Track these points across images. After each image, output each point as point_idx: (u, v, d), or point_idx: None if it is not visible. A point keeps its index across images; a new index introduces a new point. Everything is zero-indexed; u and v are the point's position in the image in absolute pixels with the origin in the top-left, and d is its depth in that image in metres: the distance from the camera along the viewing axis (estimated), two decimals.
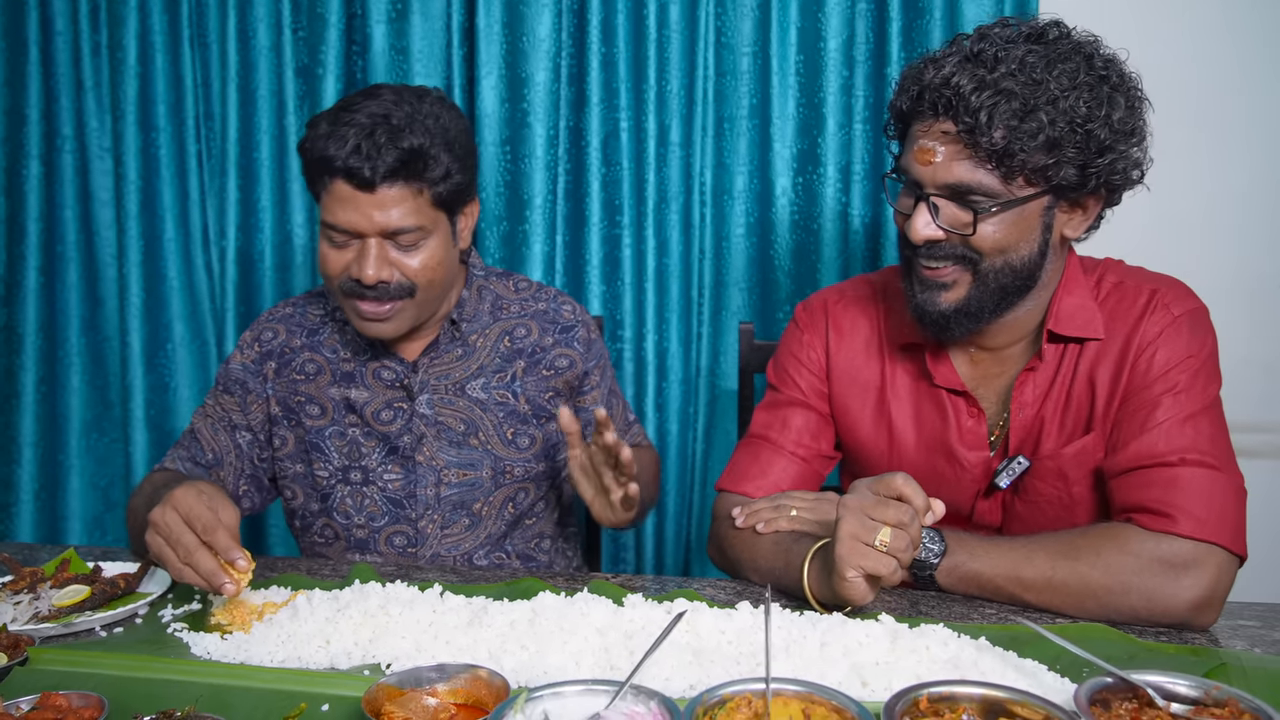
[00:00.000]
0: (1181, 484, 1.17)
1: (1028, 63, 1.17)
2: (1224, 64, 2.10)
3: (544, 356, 1.55)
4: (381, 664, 1.00)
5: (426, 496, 1.49)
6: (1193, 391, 1.22)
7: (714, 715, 0.79)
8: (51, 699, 0.87)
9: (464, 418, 1.51)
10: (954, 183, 1.20)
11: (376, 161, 1.32)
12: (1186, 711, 0.80)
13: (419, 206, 1.37)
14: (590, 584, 1.18)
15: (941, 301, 1.26)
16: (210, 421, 1.54)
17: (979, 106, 1.15)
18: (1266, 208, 2.13)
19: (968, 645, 0.99)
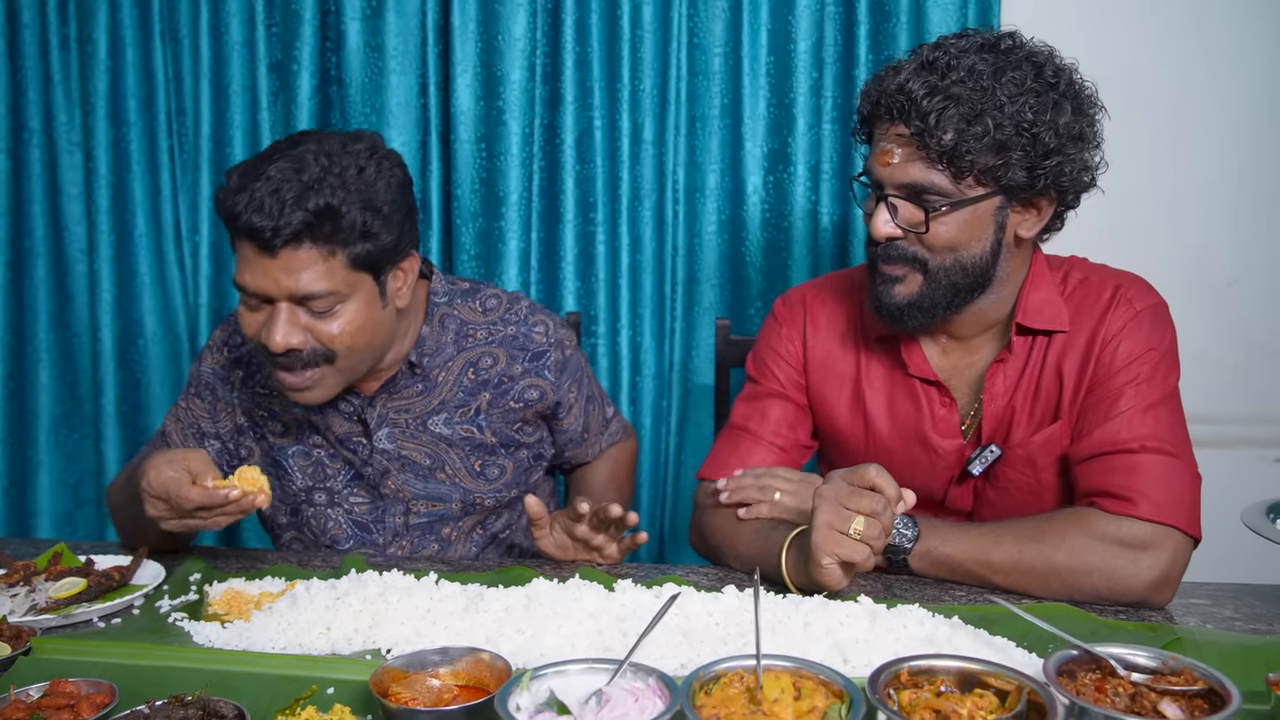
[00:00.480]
0: (1142, 470, 1.23)
1: (977, 70, 1.24)
2: (1184, 68, 2.18)
3: (511, 387, 1.48)
4: (382, 649, 1.04)
5: (395, 524, 1.48)
6: (1153, 382, 1.29)
7: (709, 689, 0.83)
8: (61, 686, 0.89)
9: (428, 452, 1.47)
10: (909, 182, 1.27)
11: (279, 222, 1.21)
12: (1146, 680, 0.86)
13: (331, 269, 1.25)
14: (580, 571, 1.22)
15: (895, 295, 1.33)
16: (181, 426, 1.54)
17: (929, 110, 1.23)
18: (1223, 209, 2.22)
19: (942, 624, 1.04)
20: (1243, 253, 2.24)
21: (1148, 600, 1.20)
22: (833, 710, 0.80)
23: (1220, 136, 2.20)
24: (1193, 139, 2.21)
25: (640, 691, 0.81)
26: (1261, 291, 2.25)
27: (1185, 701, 0.83)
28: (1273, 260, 2.23)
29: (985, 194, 1.27)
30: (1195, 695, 0.83)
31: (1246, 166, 2.20)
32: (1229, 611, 1.18)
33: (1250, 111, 2.19)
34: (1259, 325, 2.26)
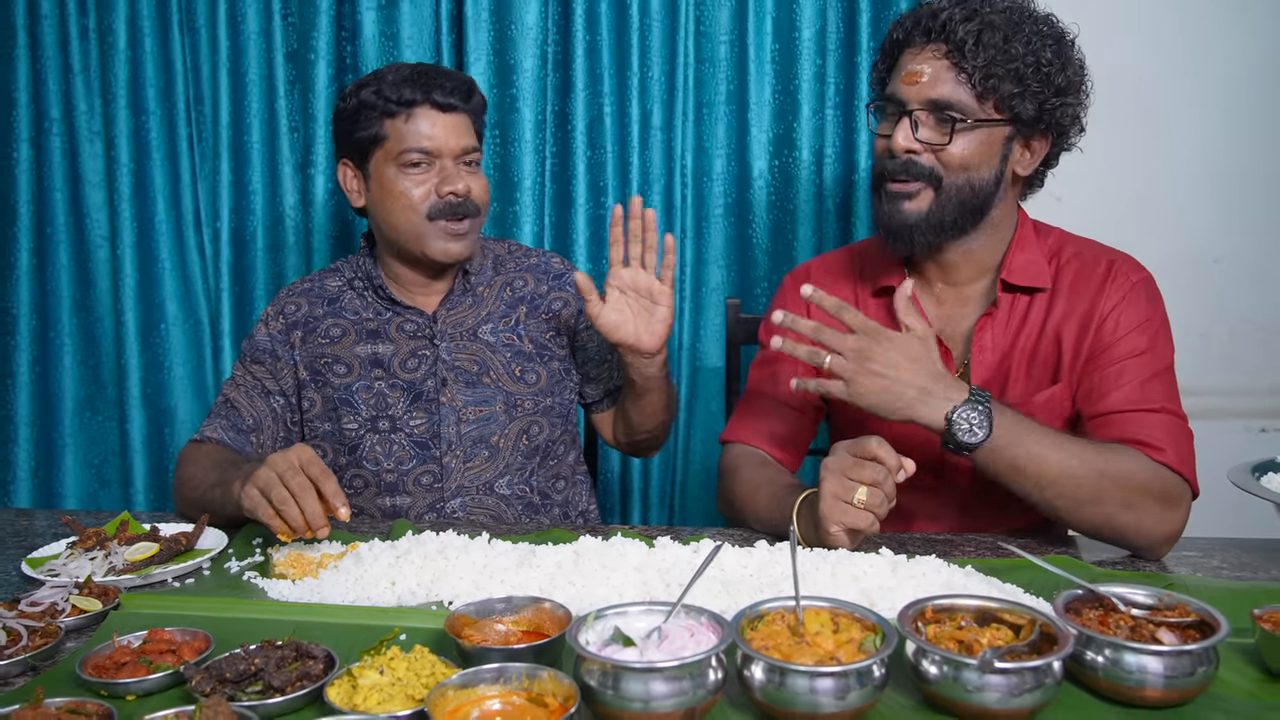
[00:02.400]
0: (1164, 426, 1.34)
1: (1009, 7, 1.39)
2: (1171, 51, 2.26)
3: (542, 302, 1.74)
4: (444, 601, 1.12)
5: (449, 435, 1.64)
6: (1154, 352, 1.40)
7: (755, 626, 0.92)
8: (160, 634, 0.97)
9: (477, 360, 1.68)
10: (937, 97, 1.38)
11: (454, 89, 1.59)
12: (1145, 614, 0.95)
13: (473, 131, 1.64)
14: (620, 531, 1.32)
15: (906, 210, 1.42)
16: (244, 390, 1.66)
17: (969, 32, 1.36)
18: (1209, 189, 2.30)
19: (957, 573, 1.14)
20: (1228, 231, 2.33)
21: (1155, 549, 1.29)
22: (868, 640, 0.89)
23: (1207, 118, 2.27)
24: (1179, 120, 2.29)
25: (694, 628, 0.90)
26: (1245, 269, 2.34)
27: (1180, 631, 0.92)
28: (1256, 238, 2.32)
29: (1000, 120, 1.39)
30: (1188, 626, 0.93)
31: (1231, 147, 2.29)
32: (1217, 561, 1.28)
33: (1235, 92, 2.27)
34: (1243, 301, 2.35)
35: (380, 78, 1.59)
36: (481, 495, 1.65)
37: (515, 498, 1.68)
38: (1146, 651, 0.87)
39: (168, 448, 2.42)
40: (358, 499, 1.66)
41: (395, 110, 1.57)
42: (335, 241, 2.35)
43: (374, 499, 1.65)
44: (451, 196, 1.59)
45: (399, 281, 1.71)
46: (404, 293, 1.71)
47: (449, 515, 1.64)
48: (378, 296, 1.70)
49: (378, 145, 1.59)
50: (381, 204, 1.61)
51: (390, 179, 1.59)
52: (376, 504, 1.65)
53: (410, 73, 1.59)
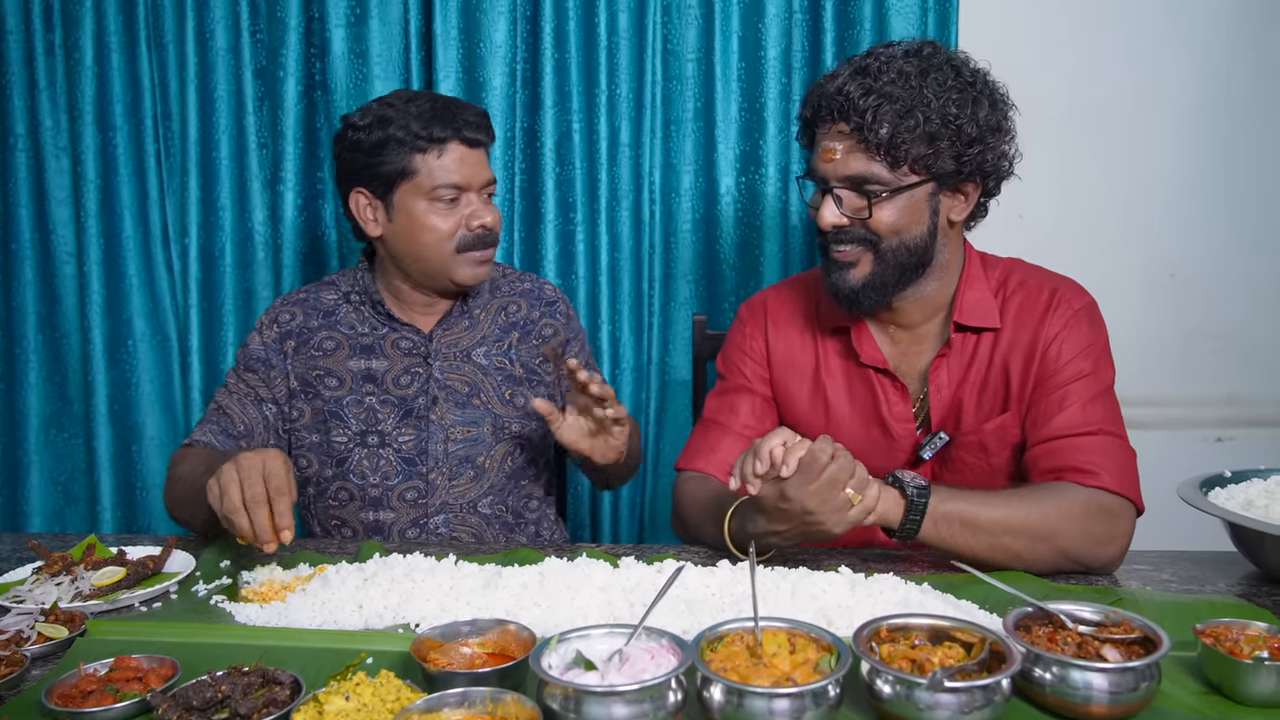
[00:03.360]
0: (1100, 449, 1.38)
1: (905, 71, 1.40)
2: (1129, 78, 2.32)
3: (533, 328, 1.78)
4: (410, 623, 1.13)
5: (436, 452, 1.67)
6: (1097, 375, 1.44)
7: (715, 647, 0.95)
8: (126, 661, 0.98)
9: (469, 381, 1.71)
10: (851, 174, 1.41)
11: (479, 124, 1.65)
12: (1091, 631, 0.98)
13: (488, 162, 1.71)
14: (585, 551, 1.33)
15: (851, 278, 1.46)
16: (236, 397, 1.67)
17: (866, 108, 1.38)
18: (1165, 207, 2.36)
19: (913, 590, 1.17)
20: (1183, 247, 2.39)
21: (1108, 566, 1.33)
22: (824, 661, 0.92)
23: (1163, 140, 2.34)
24: (1137, 143, 2.35)
25: (655, 650, 0.92)
26: (1201, 283, 2.40)
27: (1124, 647, 0.96)
28: (1211, 254, 2.38)
29: (919, 181, 1.42)
30: (1132, 642, 0.96)
31: (1186, 167, 2.35)
32: (1166, 575, 1.32)
33: (1190, 116, 2.34)
34: (1198, 313, 2.41)
35: (402, 111, 1.61)
36: (465, 514, 1.68)
37: (494, 517, 1.71)
38: (1092, 669, 0.91)
39: (135, 465, 2.41)
40: (342, 511, 1.68)
41: (426, 146, 1.60)
42: (304, 258, 2.35)
43: (358, 512, 1.67)
44: (481, 229, 1.64)
45: (399, 299, 1.73)
46: (403, 310, 1.73)
47: (432, 531, 1.66)
48: (375, 312, 1.72)
49: (405, 179, 1.62)
50: (409, 236, 1.64)
51: (420, 213, 1.62)
52: (360, 518, 1.67)
53: (434, 108, 1.62)
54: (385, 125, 1.60)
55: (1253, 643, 0.97)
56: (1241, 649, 0.96)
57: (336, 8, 2.25)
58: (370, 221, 1.67)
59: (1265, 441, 2.45)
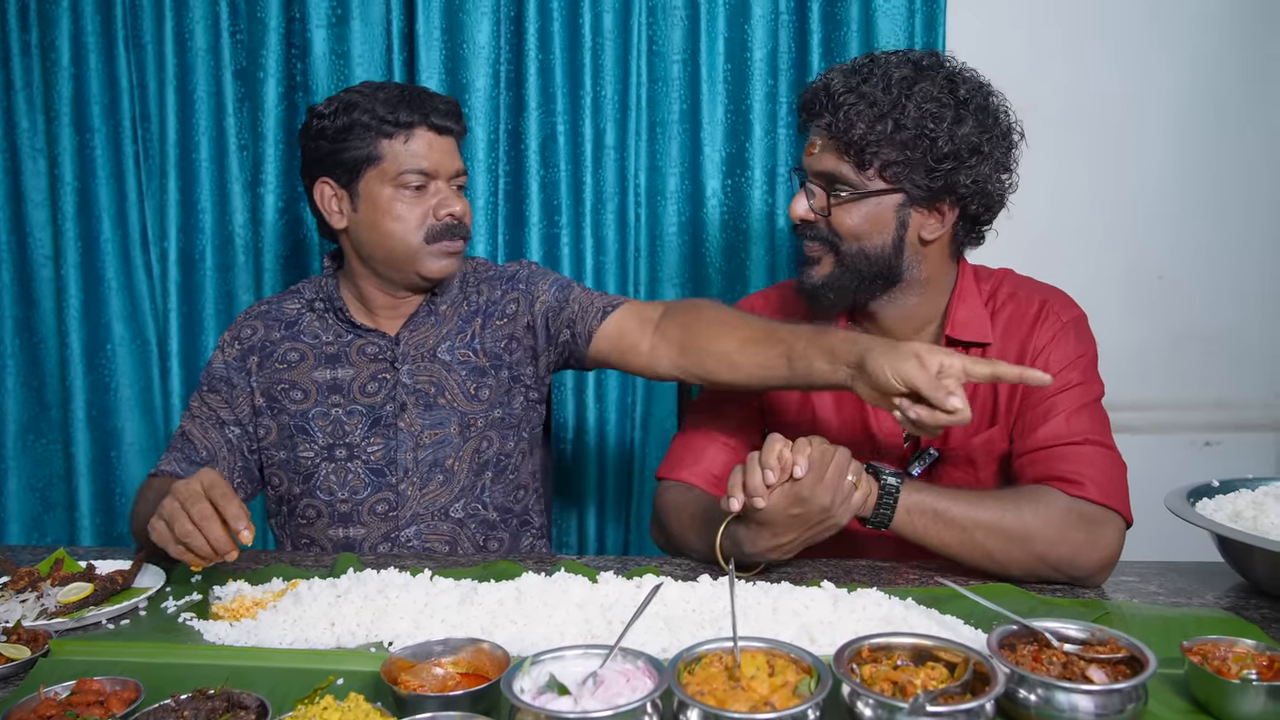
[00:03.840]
0: (1086, 458, 1.35)
1: (893, 77, 1.39)
2: (1116, 83, 2.31)
3: (495, 308, 1.70)
4: (384, 642, 1.11)
5: (405, 461, 1.61)
6: (1085, 386, 1.42)
7: (692, 669, 0.92)
8: (88, 684, 0.95)
9: (435, 381, 1.65)
10: (822, 170, 1.42)
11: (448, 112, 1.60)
12: (1076, 650, 0.97)
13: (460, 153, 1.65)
14: (564, 564, 1.31)
15: (813, 275, 1.47)
16: (199, 422, 1.63)
17: (841, 105, 1.38)
18: (1154, 210, 2.36)
19: (897, 605, 1.15)
20: (1172, 250, 2.39)
21: (1092, 578, 1.31)
22: (803, 684, 0.89)
23: (1151, 144, 2.34)
24: (1125, 146, 2.34)
25: (631, 673, 0.90)
26: (1189, 286, 2.40)
27: (1110, 667, 0.94)
28: (1199, 257, 2.38)
29: (886, 189, 1.41)
30: (1119, 662, 0.94)
31: (1174, 171, 2.35)
32: (1154, 587, 1.30)
33: (1178, 120, 2.33)
34: (1186, 316, 2.41)
35: (369, 97, 1.57)
36: (436, 521, 1.62)
37: (469, 518, 1.64)
38: (1077, 691, 0.89)
39: (114, 470, 2.38)
40: (310, 529, 1.63)
41: (393, 131, 1.55)
42: (285, 261, 2.32)
43: (326, 530, 1.61)
44: (449, 219, 1.59)
45: (364, 303, 1.68)
46: (367, 315, 1.68)
47: (404, 545, 1.61)
48: (338, 319, 1.67)
49: (371, 165, 1.57)
50: (374, 224, 1.58)
51: (386, 200, 1.57)
52: (329, 535, 1.61)
53: (401, 93, 1.58)
54: (350, 110, 1.56)
55: (1241, 661, 0.95)
56: (1229, 668, 0.95)
57: (318, 8, 2.23)
58: (335, 213, 1.61)
59: (1253, 446, 2.44)
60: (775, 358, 1.41)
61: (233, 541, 1.19)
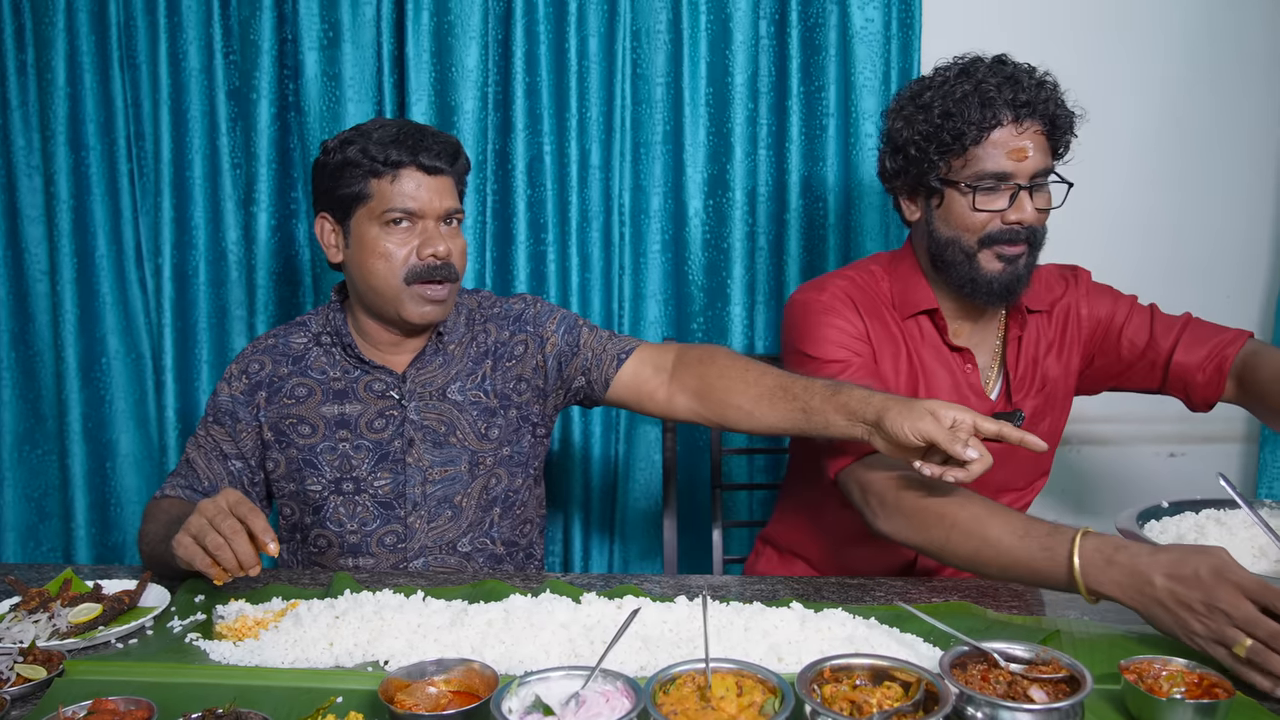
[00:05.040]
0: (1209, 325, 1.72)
1: (1034, 71, 1.59)
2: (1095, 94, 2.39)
3: (505, 349, 1.73)
4: (380, 661, 1.18)
5: (414, 495, 1.65)
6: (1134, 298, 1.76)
7: (667, 690, 1.00)
8: (104, 704, 1.02)
9: (445, 419, 1.68)
10: (1040, 169, 1.56)
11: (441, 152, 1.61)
12: (1021, 669, 1.05)
13: (456, 192, 1.67)
14: (550, 584, 1.38)
15: (1020, 267, 1.58)
16: (203, 452, 1.68)
17: (1045, 104, 1.56)
18: (1127, 224, 2.44)
19: (860, 624, 1.22)
20: (1141, 266, 2.45)
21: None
22: (768, 704, 0.97)
23: (1128, 154, 2.41)
24: (1094, 166, 2.41)
25: (610, 694, 0.97)
26: (1157, 301, 2.47)
27: (1051, 686, 1.02)
28: (1167, 274, 2.45)
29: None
30: (1059, 681, 1.02)
31: (1145, 190, 2.42)
32: (1104, 605, 1.37)
33: (1145, 140, 2.41)
34: None
35: (366, 135, 1.60)
36: (444, 555, 1.67)
37: (477, 552, 1.69)
38: (1020, 709, 0.97)
39: (109, 481, 2.43)
40: (321, 558, 1.68)
41: (381, 170, 1.58)
42: (278, 277, 2.38)
43: (337, 559, 1.66)
44: (432, 259, 1.59)
45: (370, 339, 1.70)
46: (374, 351, 1.70)
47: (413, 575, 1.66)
48: (346, 355, 1.69)
49: (361, 203, 1.60)
50: (361, 262, 1.62)
51: (372, 238, 1.60)
52: (340, 564, 1.66)
53: (397, 132, 1.60)
54: (345, 148, 1.60)
55: (1172, 679, 1.04)
56: (1161, 686, 1.03)
57: (310, 31, 2.28)
58: (332, 248, 1.66)
59: (1216, 458, 2.53)
60: (792, 413, 1.49)
61: (257, 555, 1.26)
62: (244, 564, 1.25)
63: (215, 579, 1.26)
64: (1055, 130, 1.57)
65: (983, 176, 1.54)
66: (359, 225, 1.62)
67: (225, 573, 1.25)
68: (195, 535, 1.26)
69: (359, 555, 1.66)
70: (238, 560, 1.25)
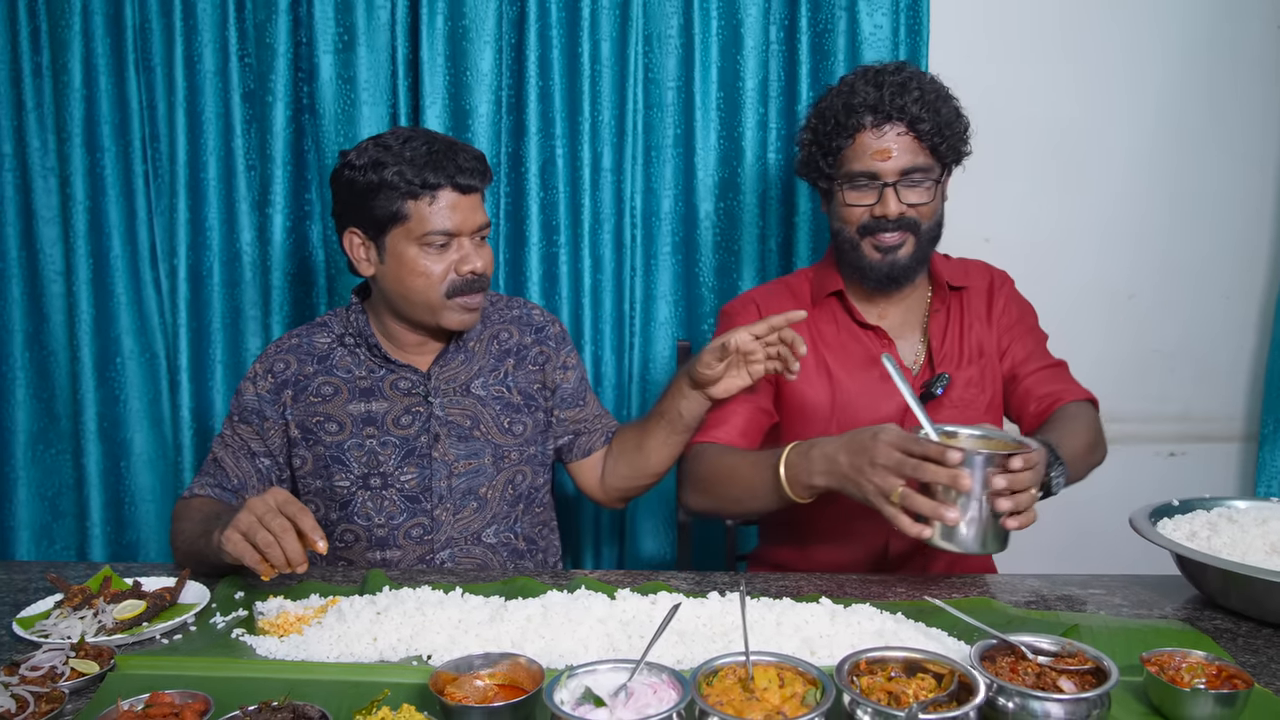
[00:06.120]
0: (1067, 374, 1.79)
1: (922, 77, 1.68)
2: (1090, 105, 2.44)
3: (527, 353, 1.82)
4: (423, 655, 1.21)
5: (440, 488, 1.70)
6: (1038, 328, 1.86)
7: (710, 681, 1.03)
8: (161, 697, 1.04)
9: (469, 414, 1.73)
10: (904, 167, 1.65)
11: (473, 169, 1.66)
12: (1048, 662, 1.08)
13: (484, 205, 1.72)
14: (583, 581, 1.42)
15: (900, 257, 1.70)
16: (231, 450, 1.71)
17: (910, 108, 1.64)
18: (1124, 230, 2.49)
19: (888, 619, 1.26)
20: (1140, 269, 2.52)
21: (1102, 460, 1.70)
22: (810, 694, 1.01)
23: (1122, 165, 2.46)
24: (1097, 171, 2.47)
25: (657, 685, 1.00)
26: (1156, 303, 2.53)
27: (1078, 678, 1.06)
28: (1165, 276, 2.51)
29: (944, 168, 1.71)
30: (1085, 672, 1.06)
31: (1143, 193, 2.48)
32: (1119, 599, 1.42)
33: (1144, 146, 2.46)
34: (1154, 333, 2.55)
35: (397, 155, 1.61)
36: (469, 545, 1.72)
37: (501, 545, 1.75)
38: (1049, 699, 1.01)
39: (124, 480, 2.45)
40: (348, 553, 1.72)
41: (419, 193, 1.61)
42: (292, 278, 2.40)
43: (364, 553, 1.70)
44: (470, 275, 1.65)
45: (394, 340, 1.75)
46: (398, 351, 1.75)
47: (438, 567, 1.70)
48: (371, 354, 1.73)
49: (397, 224, 1.62)
50: (399, 279, 1.65)
51: (411, 257, 1.63)
52: (367, 558, 1.70)
53: (428, 152, 1.62)
54: (379, 169, 1.61)
55: (1192, 671, 1.08)
56: (1182, 677, 1.07)
57: (325, 34, 2.30)
58: (363, 261, 1.68)
59: (1215, 457, 2.58)
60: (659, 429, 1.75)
61: (305, 554, 1.29)
62: (292, 561, 1.28)
63: (263, 575, 1.28)
64: (926, 130, 1.64)
65: (852, 175, 1.69)
66: (395, 243, 1.65)
67: (273, 569, 1.28)
68: (245, 532, 1.29)
69: (386, 548, 1.69)
70: (286, 558, 1.27)
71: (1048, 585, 1.48)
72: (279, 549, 1.27)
